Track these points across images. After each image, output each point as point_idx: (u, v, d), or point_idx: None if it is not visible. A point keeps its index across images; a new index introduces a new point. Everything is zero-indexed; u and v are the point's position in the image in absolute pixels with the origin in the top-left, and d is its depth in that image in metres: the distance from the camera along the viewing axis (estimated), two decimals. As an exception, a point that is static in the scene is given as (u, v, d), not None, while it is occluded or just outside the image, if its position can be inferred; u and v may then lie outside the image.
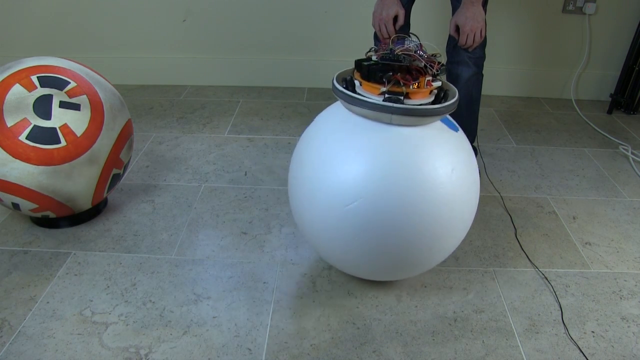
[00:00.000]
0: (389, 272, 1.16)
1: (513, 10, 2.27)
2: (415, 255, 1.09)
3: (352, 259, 1.13)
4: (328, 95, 2.41)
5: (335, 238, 1.10)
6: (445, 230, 1.07)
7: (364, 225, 1.04)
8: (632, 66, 2.23)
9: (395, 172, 1.01)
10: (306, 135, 1.18)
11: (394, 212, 1.02)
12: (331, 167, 1.06)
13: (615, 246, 1.46)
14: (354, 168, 1.03)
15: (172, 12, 2.34)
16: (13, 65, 1.31)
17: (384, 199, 1.02)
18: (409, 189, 1.01)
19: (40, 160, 1.26)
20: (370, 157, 1.02)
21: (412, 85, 1.03)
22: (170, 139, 1.99)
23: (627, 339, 1.16)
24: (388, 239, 1.05)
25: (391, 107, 1.00)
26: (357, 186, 1.02)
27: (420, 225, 1.04)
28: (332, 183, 1.05)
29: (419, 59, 1.05)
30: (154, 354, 1.10)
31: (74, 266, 1.34)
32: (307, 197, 1.12)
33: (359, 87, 1.09)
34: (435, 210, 1.04)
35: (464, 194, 1.08)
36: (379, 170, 1.02)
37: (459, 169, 1.06)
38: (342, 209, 1.04)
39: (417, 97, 1.05)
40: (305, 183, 1.12)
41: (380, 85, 1.04)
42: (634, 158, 1.92)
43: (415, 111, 1.01)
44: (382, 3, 1.55)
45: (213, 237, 1.45)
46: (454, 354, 1.12)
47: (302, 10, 2.32)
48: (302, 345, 1.13)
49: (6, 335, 1.14)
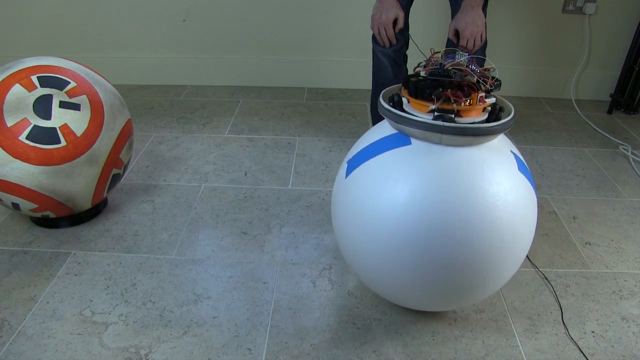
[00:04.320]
0: (442, 302, 1.07)
1: (513, 11, 2.27)
2: (470, 284, 1.00)
3: (402, 288, 1.05)
4: (328, 95, 2.41)
5: (383, 265, 1.02)
6: (502, 256, 0.98)
7: (414, 252, 0.96)
8: (632, 66, 2.23)
9: (446, 195, 0.93)
10: (354, 156, 1.11)
11: (446, 238, 0.94)
12: (378, 190, 0.99)
13: (615, 246, 1.46)
14: (401, 191, 0.96)
15: (172, 12, 2.34)
16: (13, 65, 1.31)
17: (435, 224, 0.93)
18: (461, 213, 0.93)
19: (40, 160, 1.26)
20: (418, 180, 0.95)
21: (463, 102, 0.96)
22: (170, 139, 1.99)
23: (627, 339, 1.16)
24: (440, 267, 0.97)
25: (441, 126, 0.92)
26: (405, 211, 0.95)
27: (475, 252, 0.95)
28: (379, 207, 0.98)
29: (471, 74, 0.98)
30: (154, 354, 1.10)
31: (74, 266, 1.34)
32: (352, 221, 1.04)
33: (407, 104, 1.03)
34: (491, 237, 0.95)
35: (522, 217, 0.98)
36: (428, 194, 0.94)
37: (514, 192, 0.97)
38: (391, 234, 0.96)
39: (469, 115, 0.97)
40: (351, 206, 1.04)
41: (429, 103, 0.97)
42: (634, 158, 1.92)
43: (467, 130, 0.92)
44: (382, 6, 1.53)
45: (213, 237, 1.45)
46: (454, 354, 1.12)
47: (302, 10, 2.32)
48: (302, 345, 1.13)
49: (6, 335, 1.14)
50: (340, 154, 1.89)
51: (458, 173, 0.94)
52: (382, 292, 1.13)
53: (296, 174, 1.76)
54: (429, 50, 1.10)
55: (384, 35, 1.56)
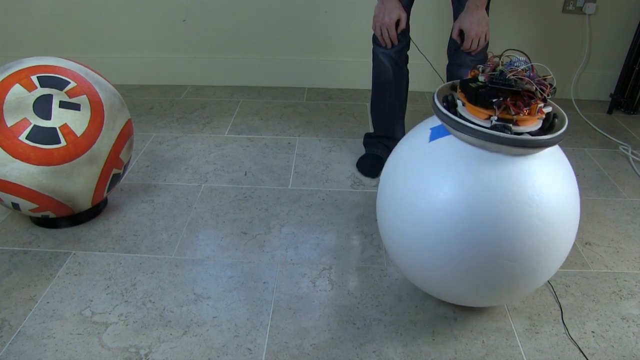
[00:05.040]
0: (488, 298, 1.11)
1: (513, 10, 2.27)
2: (517, 283, 1.04)
3: (451, 287, 1.08)
4: (328, 95, 2.41)
5: (435, 268, 1.05)
6: (546, 262, 1.02)
7: (465, 256, 0.99)
8: (632, 66, 2.23)
9: (499, 201, 0.96)
10: (399, 155, 1.12)
11: (498, 244, 0.97)
12: (428, 194, 1.01)
13: (615, 246, 1.46)
14: (453, 196, 0.98)
15: (172, 12, 2.34)
16: (13, 65, 1.31)
17: (486, 229, 0.96)
18: (509, 216, 0.96)
19: (40, 160, 1.26)
20: (472, 186, 0.97)
21: (523, 112, 0.96)
22: (170, 139, 1.99)
23: (627, 339, 1.16)
24: (490, 271, 1.01)
25: (502, 138, 0.93)
26: (456, 216, 0.98)
27: (523, 256, 0.99)
28: (428, 211, 1.00)
29: (530, 82, 0.98)
30: (154, 354, 1.10)
31: (74, 266, 1.34)
32: (400, 225, 1.06)
33: (462, 107, 1.03)
34: (540, 240, 0.98)
35: (566, 221, 1.01)
36: (482, 199, 0.96)
37: (563, 195, 1.00)
38: (441, 241, 1.00)
39: (526, 124, 0.98)
40: (399, 209, 1.07)
41: (488, 111, 0.97)
42: (634, 158, 1.92)
43: (527, 142, 0.93)
44: (384, 7, 1.51)
45: (213, 237, 1.45)
46: (454, 354, 1.12)
47: (302, 10, 2.32)
48: (302, 345, 1.13)
49: (6, 335, 1.14)
50: (341, 154, 1.89)
51: (509, 178, 0.96)
52: (424, 285, 1.17)
53: (296, 174, 1.76)
54: (540, 69, 1.07)
55: (386, 37, 1.55)
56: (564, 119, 1.00)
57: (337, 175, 1.76)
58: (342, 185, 1.71)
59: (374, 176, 1.75)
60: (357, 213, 1.56)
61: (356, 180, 1.73)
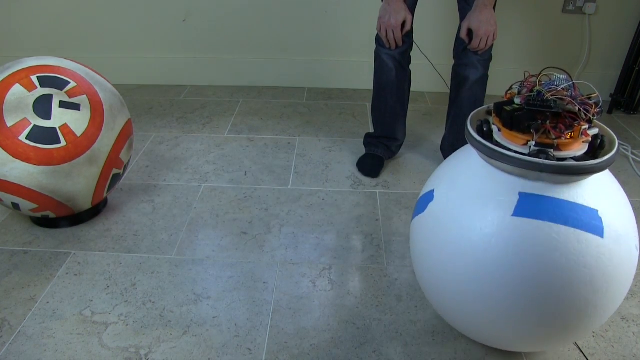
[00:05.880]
0: (529, 342, 1.00)
1: (513, 10, 2.27)
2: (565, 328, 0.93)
3: (491, 328, 0.98)
4: (328, 95, 2.41)
5: (473, 304, 0.96)
6: (600, 301, 0.90)
7: (501, 289, 0.90)
8: (632, 66, 2.23)
9: (541, 232, 0.86)
10: (436, 185, 1.04)
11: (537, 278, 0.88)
12: (467, 228, 0.92)
13: (615, 246, 1.46)
14: (493, 231, 0.89)
15: (172, 12, 2.34)
16: (13, 65, 1.31)
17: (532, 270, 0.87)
18: (554, 254, 0.86)
19: (40, 160, 1.26)
20: (511, 218, 0.88)
21: (564, 136, 0.87)
22: (170, 139, 1.99)
23: (627, 339, 1.16)
24: (535, 312, 0.90)
25: (542, 165, 0.84)
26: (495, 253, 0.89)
27: (571, 298, 0.88)
28: (468, 246, 0.92)
29: (573, 103, 0.88)
30: (154, 354, 1.10)
31: (74, 266, 1.34)
32: (437, 258, 0.98)
33: (498, 133, 0.95)
34: (592, 281, 0.87)
35: (623, 261, 0.90)
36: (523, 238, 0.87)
37: (613, 232, 0.88)
38: (480, 275, 0.90)
39: (569, 149, 0.89)
40: (438, 242, 0.98)
41: (525, 136, 0.89)
42: (634, 158, 1.92)
43: (569, 169, 0.84)
44: (390, 8, 1.50)
45: (213, 237, 1.45)
46: (454, 354, 1.12)
47: (302, 10, 2.32)
48: (302, 345, 1.13)
49: (6, 335, 1.14)
50: (340, 154, 1.89)
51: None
52: (463, 328, 1.08)
53: (296, 174, 1.76)
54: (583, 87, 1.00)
55: (391, 38, 1.55)
56: (614, 141, 0.90)
57: (337, 175, 1.76)
58: (342, 185, 1.71)
59: (374, 176, 1.75)
60: (357, 213, 1.56)
61: (356, 180, 1.73)
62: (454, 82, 1.67)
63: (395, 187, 1.70)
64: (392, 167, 1.82)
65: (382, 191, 1.68)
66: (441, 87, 2.40)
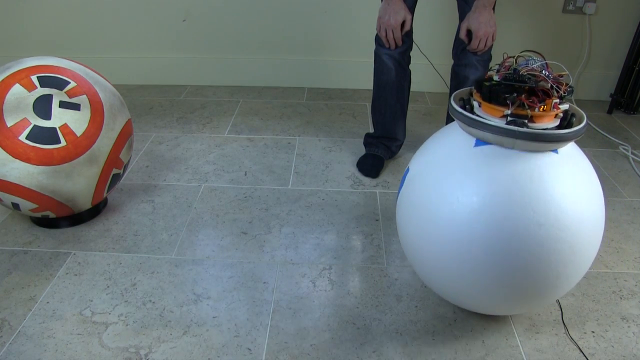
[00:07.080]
0: (506, 306, 1.08)
1: (513, 10, 2.27)
2: (536, 289, 1.01)
3: (467, 292, 1.06)
4: (328, 95, 2.41)
5: (449, 270, 1.03)
6: (570, 265, 0.99)
7: (480, 253, 0.97)
8: (632, 66, 2.23)
9: (515, 199, 0.95)
10: (420, 158, 1.12)
11: (516, 244, 0.96)
12: (447, 193, 1.00)
13: (615, 246, 1.46)
14: (472, 194, 0.97)
15: (172, 12, 2.34)
16: (13, 65, 1.31)
17: (503, 226, 0.95)
18: (530, 218, 0.94)
19: (40, 160, 1.26)
20: (488, 183, 0.96)
21: (538, 108, 0.96)
22: (170, 139, 1.99)
23: (627, 339, 1.16)
24: (507, 274, 0.98)
25: (515, 131, 0.93)
26: (474, 215, 0.97)
27: (542, 261, 0.96)
28: (447, 210, 1.00)
29: (545, 80, 0.98)
30: (154, 354, 1.10)
31: (74, 266, 1.34)
32: (419, 225, 1.06)
33: (478, 108, 1.04)
34: (562, 243, 0.96)
35: (589, 222, 0.99)
36: (497, 196, 0.95)
37: (584, 198, 0.98)
38: (458, 233, 0.98)
39: (542, 121, 0.98)
40: (418, 209, 1.06)
41: (502, 108, 0.97)
42: (634, 158, 1.92)
43: (540, 136, 0.93)
44: (389, 8, 1.50)
45: (213, 237, 1.45)
46: (454, 354, 1.12)
47: (302, 10, 2.32)
48: (302, 345, 1.13)
49: (6, 335, 1.14)
50: (340, 154, 1.89)
51: (528, 178, 0.95)
52: (442, 292, 1.15)
53: (296, 174, 1.76)
54: (555, 68, 1.07)
55: (390, 38, 1.55)
56: (582, 117, 1.00)
57: (337, 175, 1.76)
58: (342, 185, 1.71)
59: (374, 176, 1.75)
60: (357, 213, 1.56)
61: (356, 180, 1.73)
62: (453, 82, 1.67)
63: (395, 187, 1.70)
64: (392, 167, 1.82)
65: (382, 191, 1.68)
66: (441, 87, 2.40)
